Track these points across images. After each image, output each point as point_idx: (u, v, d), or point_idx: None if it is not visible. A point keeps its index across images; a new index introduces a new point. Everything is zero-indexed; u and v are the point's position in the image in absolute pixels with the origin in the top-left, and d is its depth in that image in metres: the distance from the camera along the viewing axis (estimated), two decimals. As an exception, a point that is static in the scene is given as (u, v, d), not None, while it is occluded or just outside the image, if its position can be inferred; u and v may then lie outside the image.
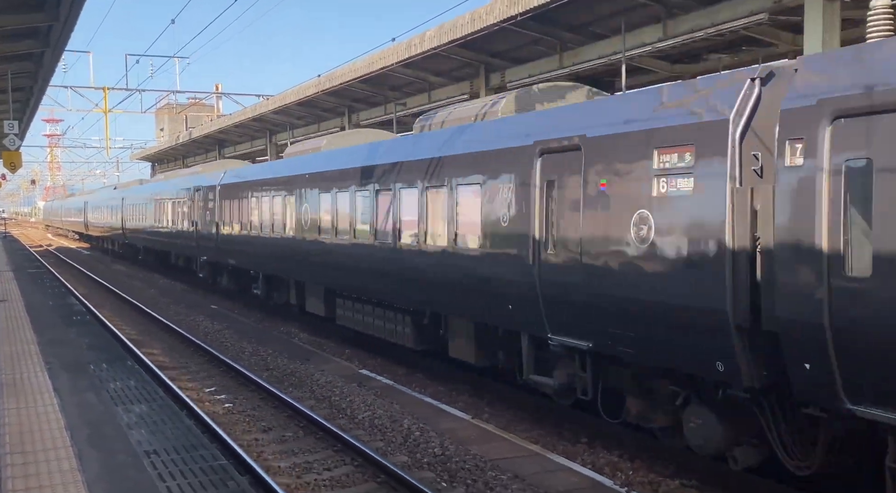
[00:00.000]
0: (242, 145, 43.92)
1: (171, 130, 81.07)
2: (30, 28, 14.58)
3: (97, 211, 50.70)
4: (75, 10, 12.91)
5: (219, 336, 18.30)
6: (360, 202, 15.13)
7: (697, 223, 7.62)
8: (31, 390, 11.26)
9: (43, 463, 7.94)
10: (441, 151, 12.37)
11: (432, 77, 23.22)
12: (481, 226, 11.14)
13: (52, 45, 15.80)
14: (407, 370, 14.54)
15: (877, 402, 6.17)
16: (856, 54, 6.77)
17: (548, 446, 9.86)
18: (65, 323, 19.63)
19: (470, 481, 8.48)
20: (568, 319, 9.47)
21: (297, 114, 32.76)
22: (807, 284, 6.58)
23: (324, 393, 12.62)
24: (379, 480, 8.63)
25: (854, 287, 6.28)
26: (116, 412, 11.06)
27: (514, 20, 16.75)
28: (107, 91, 36.40)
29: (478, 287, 11.31)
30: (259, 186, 21.40)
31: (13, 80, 19.47)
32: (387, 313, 14.56)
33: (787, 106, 6.87)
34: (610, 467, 9.13)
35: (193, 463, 8.81)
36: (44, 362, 13.44)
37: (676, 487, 8.49)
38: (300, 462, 9.35)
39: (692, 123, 7.80)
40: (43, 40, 15.59)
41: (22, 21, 13.64)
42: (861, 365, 6.27)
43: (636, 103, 8.97)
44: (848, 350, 6.30)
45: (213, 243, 25.45)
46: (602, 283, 8.84)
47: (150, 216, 34.02)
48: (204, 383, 13.57)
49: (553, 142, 9.76)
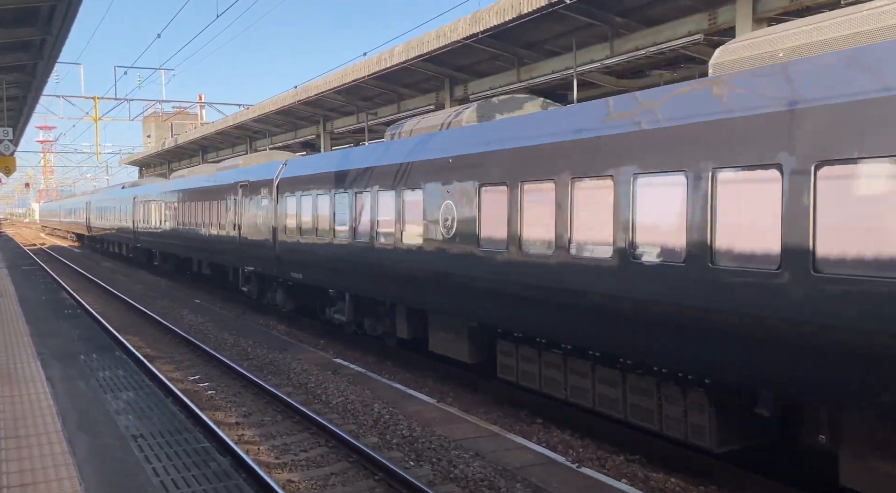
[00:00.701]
0: (224, 151, 43.50)
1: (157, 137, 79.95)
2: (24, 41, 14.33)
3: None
4: (66, 25, 12.72)
5: (202, 328, 18.11)
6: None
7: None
8: (24, 378, 11.05)
9: (35, 447, 7.80)
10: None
11: (401, 89, 23.20)
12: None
13: (44, 57, 15.55)
14: (377, 359, 14.52)
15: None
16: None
17: (506, 426, 9.90)
18: (56, 316, 19.31)
19: (435, 459, 8.49)
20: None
21: (276, 122, 32.53)
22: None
23: (300, 380, 12.55)
24: (351, 459, 8.61)
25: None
26: (105, 398, 10.92)
27: (476, 37, 16.81)
28: (97, 100, 35.86)
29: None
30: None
31: (7, 90, 19.14)
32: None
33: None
34: (563, 445, 9.20)
35: (178, 446, 8.73)
36: (36, 352, 13.19)
37: (622, 462, 8.59)
38: (278, 444, 9.30)
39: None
40: (36, 53, 15.34)
41: (16, 35, 13.41)
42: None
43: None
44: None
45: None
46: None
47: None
48: (188, 372, 13.42)
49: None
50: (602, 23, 15.25)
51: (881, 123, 5.70)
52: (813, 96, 6.23)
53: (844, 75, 6.08)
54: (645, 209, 7.83)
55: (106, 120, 38.11)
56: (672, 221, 7.48)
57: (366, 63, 21.56)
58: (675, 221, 7.45)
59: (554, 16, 15.10)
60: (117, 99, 35.81)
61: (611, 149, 8.30)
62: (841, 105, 5.98)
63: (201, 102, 44.16)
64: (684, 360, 7.48)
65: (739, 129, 6.77)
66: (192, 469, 7.96)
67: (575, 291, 8.73)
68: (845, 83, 6.03)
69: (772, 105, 6.54)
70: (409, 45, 19.38)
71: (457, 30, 17.25)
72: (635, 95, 8.54)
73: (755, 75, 6.90)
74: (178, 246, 27.44)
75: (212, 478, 7.71)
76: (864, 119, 5.82)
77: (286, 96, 27.93)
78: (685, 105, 7.53)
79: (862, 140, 5.83)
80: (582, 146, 8.73)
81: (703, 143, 7.12)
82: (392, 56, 20.10)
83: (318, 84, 24.94)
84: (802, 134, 6.25)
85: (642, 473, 8.25)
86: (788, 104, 6.40)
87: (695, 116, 7.32)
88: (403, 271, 12.45)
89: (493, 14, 15.99)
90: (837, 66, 6.19)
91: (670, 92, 7.99)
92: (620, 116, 8.39)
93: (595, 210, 8.49)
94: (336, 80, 23.42)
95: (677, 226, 7.40)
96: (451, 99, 21.39)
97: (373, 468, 8.21)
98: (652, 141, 7.77)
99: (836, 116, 6.00)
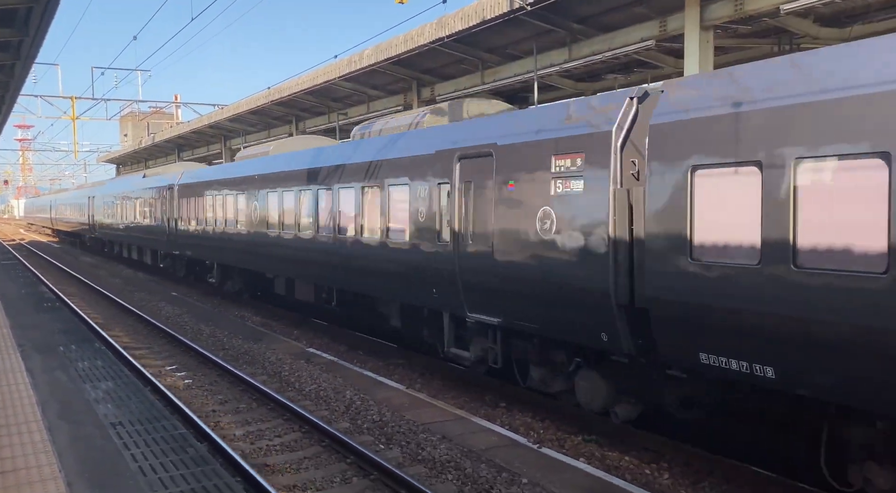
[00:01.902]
0: (199, 150, 42.93)
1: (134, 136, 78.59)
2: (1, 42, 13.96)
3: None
4: (43, 27, 12.42)
5: (178, 320, 17.86)
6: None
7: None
8: (4, 370, 10.81)
9: (16, 436, 7.64)
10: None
11: (370, 90, 23.08)
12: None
13: (21, 57, 15.16)
14: (348, 348, 14.46)
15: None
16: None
17: (471, 410, 9.93)
18: (36, 309, 18.91)
19: (404, 442, 8.49)
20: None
21: (250, 122, 32.18)
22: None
23: (274, 369, 12.46)
24: (324, 444, 8.57)
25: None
26: (84, 388, 10.72)
27: (442, 41, 16.78)
28: (74, 100, 35.17)
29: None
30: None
31: (-15, 89, 18.67)
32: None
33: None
34: (524, 427, 9.26)
35: (156, 433, 8.61)
36: (16, 344, 12.91)
37: (580, 442, 8.67)
38: (253, 430, 9.22)
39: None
40: (13, 53, 14.96)
41: (-8, 35, 13.07)
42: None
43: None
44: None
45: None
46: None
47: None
48: (165, 362, 13.23)
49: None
50: (561, 29, 15.33)
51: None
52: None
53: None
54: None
55: (83, 119, 37.40)
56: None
57: (336, 65, 21.41)
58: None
59: (515, 22, 15.13)
60: (95, 99, 35.16)
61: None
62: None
63: (177, 102, 43.54)
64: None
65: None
66: (169, 455, 7.86)
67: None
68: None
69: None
70: (378, 48, 19.29)
71: (423, 34, 17.21)
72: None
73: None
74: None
75: (189, 463, 7.62)
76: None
77: (259, 97, 27.64)
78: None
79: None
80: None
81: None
82: (362, 59, 19.99)
83: (290, 85, 24.72)
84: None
85: (598, 452, 8.34)
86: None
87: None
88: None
89: (458, 20, 15.97)
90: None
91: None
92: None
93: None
94: (308, 82, 23.23)
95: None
96: (418, 100, 21.34)
97: (344, 451, 8.18)
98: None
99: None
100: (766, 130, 6.04)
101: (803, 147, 5.76)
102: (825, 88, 5.71)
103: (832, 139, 5.59)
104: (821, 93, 5.71)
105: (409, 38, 17.81)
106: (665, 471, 7.76)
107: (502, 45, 17.20)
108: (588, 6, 14.26)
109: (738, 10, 12.47)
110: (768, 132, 6.03)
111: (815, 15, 13.38)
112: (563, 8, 14.33)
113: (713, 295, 6.45)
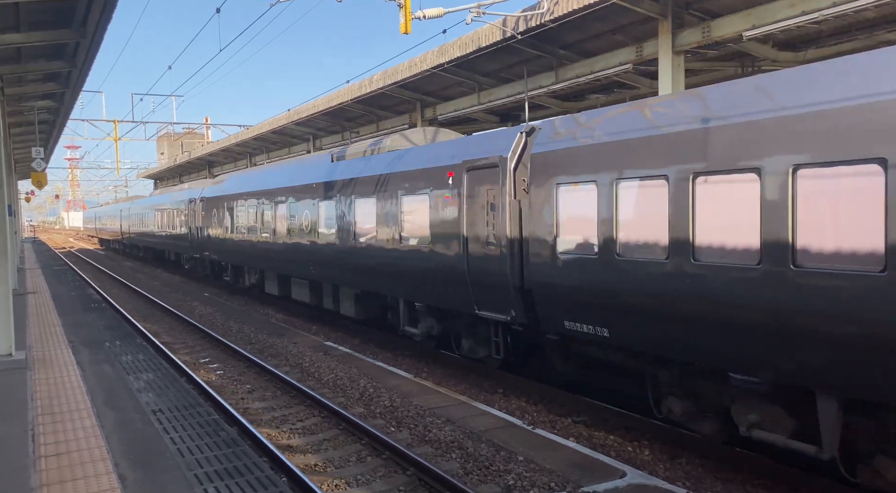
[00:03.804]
0: (227, 166, 43.00)
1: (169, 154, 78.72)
2: (52, 73, 14.05)
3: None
4: (90, 59, 12.50)
5: (210, 318, 17.90)
6: None
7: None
8: (57, 363, 10.86)
9: (68, 422, 7.68)
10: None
11: (379, 111, 23.14)
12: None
13: (71, 86, 15.26)
14: (362, 342, 14.48)
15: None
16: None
17: (472, 396, 9.94)
18: (84, 309, 18.96)
19: (412, 425, 8.50)
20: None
21: (272, 140, 32.26)
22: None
23: (296, 361, 12.48)
24: (341, 427, 8.59)
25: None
26: (128, 379, 10.76)
27: (442, 67, 16.84)
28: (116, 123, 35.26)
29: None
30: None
31: (39, 115, 18.78)
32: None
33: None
34: (520, 410, 9.26)
35: (192, 418, 8.64)
36: (67, 340, 12.96)
37: (570, 423, 8.67)
38: (278, 416, 9.24)
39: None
40: (63, 83, 15.05)
41: (45, 68, 13.15)
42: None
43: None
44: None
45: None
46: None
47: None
48: (199, 356, 13.27)
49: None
50: (548, 54, 15.37)
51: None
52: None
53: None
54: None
55: (125, 140, 37.48)
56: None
57: (349, 89, 21.47)
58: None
59: (508, 49, 15.18)
60: (134, 122, 35.26)
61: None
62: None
63: (207, 123, 43.61)
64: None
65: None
66: (204, 438, 7.88)
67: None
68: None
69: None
70: (385, 73, 19.35)
71: (426, 60, 17.26)
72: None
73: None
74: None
75: (221, 445, 7.64)
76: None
77: (281, 118, 27.70)
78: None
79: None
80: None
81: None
82: (371, 83, 20.04)
83: (308, 107, 24.78)
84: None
85: (587, 432, 8.34)
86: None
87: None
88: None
89: (456, 47, 16.02)
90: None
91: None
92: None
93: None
94: (323, 104, 23.29)
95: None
96: (422, 119, 21.39)
97: (359, 434, 8.20)
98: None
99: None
100: (599, 158, 7.48)
101: (617, 172, 7.23)
102: (621, 130, 7.24)
103: (633, 166, 7.06)
104: (617, 134, 7.25)
105: (413, 64, 17.86)
106: (646, 448, 7.77)
107: (496, 70, 17.25)
108: (572, 34, 14.30)
109: (706, 37, 12.51)
110: (600, 160, 7.46)
111: (774, 40, 13.41)
112: (550, 36, 14.37)
113: (569, 279, 7.89)
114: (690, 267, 6.42)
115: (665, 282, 6.67)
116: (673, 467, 7.24)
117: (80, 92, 16.53)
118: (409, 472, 7.01)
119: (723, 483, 6.80)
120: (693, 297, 6.41)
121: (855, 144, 5.20)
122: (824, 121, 5.40)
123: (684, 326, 6.54)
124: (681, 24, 12.81)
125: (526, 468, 6.91)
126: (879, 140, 5.06)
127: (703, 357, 6.57)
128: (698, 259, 6.38)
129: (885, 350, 5.02)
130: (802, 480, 6.62)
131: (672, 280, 6.59)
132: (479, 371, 11.25)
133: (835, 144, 5.32)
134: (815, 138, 5.45)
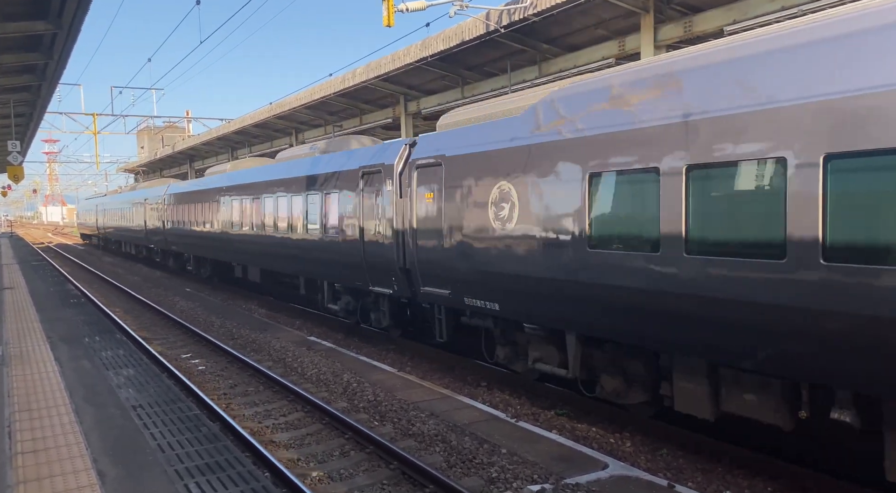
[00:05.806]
0: (209, 160, 42.63)
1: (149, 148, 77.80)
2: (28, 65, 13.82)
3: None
4: (66, 51, 12.32)
5: (192, 313, 17.76)
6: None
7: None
8: (35, 359, 10.72)
9: (46, 418, 7.58)
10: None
11: (362, 104, 23.03)
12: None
13: (47, 79, 15.04)
14: (345, 336, 14.44)
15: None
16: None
17: (456, 390, 9.96)
18: (63, 305, 18.73)
19: (396, 419, 8.50)
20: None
21: (254, 133, 32.00)
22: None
23: (279, 356, 12.42)
24: (324, 422, 8.56)
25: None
26: (107, 375, 10.64)
27: (426, 61, 16.78)
28: (95, 116, 34.82)
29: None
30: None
31: (15, 108, 18.48)
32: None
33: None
34: (503, 403, 9.30)
35: (173, 414, 8.56)
36: (45, 336, 12.80)
37: (552, 415, 8.72)
38: (261, 411, 9.20)
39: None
40: (40, 75, 14.83)
41: (21, 59, 12.94)
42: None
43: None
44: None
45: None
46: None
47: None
48: (180, 351, 13.16)
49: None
50: (531, 49, 15.38)
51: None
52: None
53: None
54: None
55: (104, 134, 37.06)
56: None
57: (331, 82, 21.34)
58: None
59: (491, 43, 15.16)
60: (114, 115, 34.84)
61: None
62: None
63: (188, 116, 43.20)
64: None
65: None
66: (185, 434, 7.82)
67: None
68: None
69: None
70: (368, 66, 19.25)
71: (409, 54, 17.19)
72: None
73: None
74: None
75: (203, 440, 7.59)
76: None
77: (263, 112, 27.49)
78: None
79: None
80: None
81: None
82: (354, 76, 19.93)
83: (290, 100, 24.60)
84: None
85: (569, 424, 8.39)
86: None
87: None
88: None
89: (440, 41, 15.98)
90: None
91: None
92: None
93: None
94: (306, 97, 23.14)
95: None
96: (405, 113, 21.32)
97: (343, 428, 8.18)
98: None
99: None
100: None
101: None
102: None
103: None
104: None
105: (397, 57, 17.79)
106: (627, 440, 7.83)
107: (480, 64, 17.23)
108: (555, 28, 14.31)
109: (687, 31, 12.58)
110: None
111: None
112: (533, 30, 14.38)
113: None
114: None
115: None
116: (654, 458, 7.30)
117: (57, 84, 16.30)
118: (393, 466, 7.01)
119: (703, 474, 6.87)
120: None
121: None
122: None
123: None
124: (663, 19, 12.87)
125: (509, 461, 6.93)
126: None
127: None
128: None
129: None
130: (780, 470, 6.71)
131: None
132: (463, 365, 11.27)
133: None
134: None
